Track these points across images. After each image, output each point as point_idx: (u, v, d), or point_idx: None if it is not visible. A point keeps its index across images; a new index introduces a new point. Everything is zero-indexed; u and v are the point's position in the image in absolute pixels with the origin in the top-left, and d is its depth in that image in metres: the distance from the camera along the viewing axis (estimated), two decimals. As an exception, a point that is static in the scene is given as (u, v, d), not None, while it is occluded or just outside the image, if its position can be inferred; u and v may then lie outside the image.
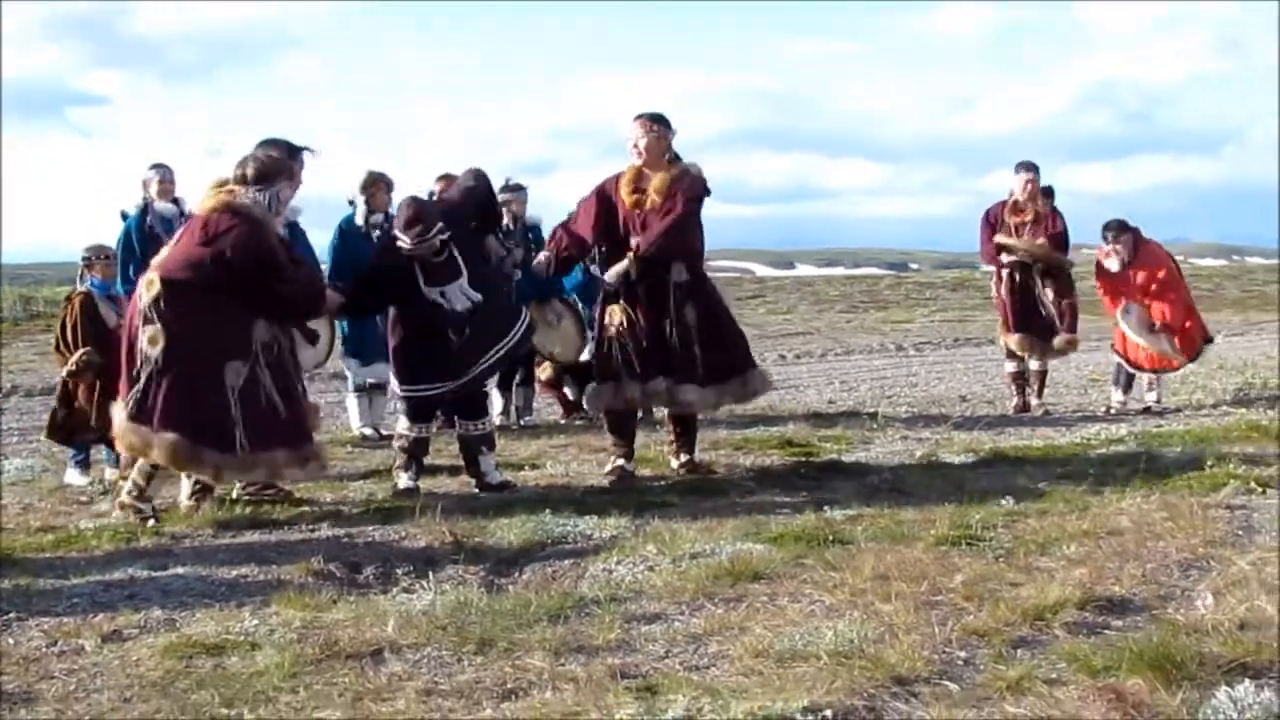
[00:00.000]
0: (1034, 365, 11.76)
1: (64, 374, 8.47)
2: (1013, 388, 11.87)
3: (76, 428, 8.51)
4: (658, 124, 8.07)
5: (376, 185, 10.34)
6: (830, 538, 6.21)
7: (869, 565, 5.55)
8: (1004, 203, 11.59)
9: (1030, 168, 11.57)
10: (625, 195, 8.06)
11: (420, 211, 7.79)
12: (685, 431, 8.47)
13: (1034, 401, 11.65)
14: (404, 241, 7.68)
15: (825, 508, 7.01)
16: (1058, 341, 11.60)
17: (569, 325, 10.78)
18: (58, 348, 8.66)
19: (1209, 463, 7.90)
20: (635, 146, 8.06)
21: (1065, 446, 9.23)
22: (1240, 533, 6.25)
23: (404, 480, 7.96)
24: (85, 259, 8.77)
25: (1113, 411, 11.38)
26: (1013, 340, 11.63)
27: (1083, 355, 17.19)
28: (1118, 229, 11.49)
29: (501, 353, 7.94)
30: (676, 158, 8.15)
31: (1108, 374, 13.39)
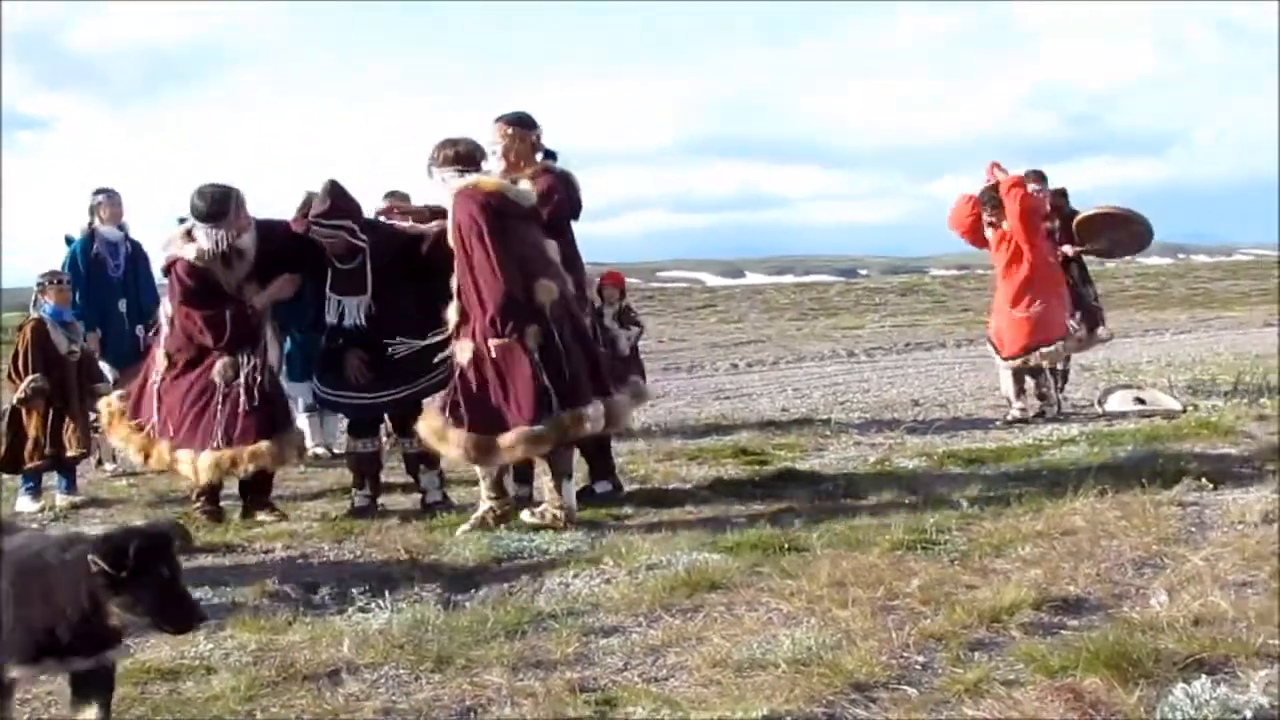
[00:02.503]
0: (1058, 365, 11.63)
1: (15, 401, 8.37)
2: (1050, 383, 11.68)
3: (26, 456, 8.41)
4: (516, 126, 7.66)
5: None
6: (786, 546, 6.21)
7: (825, 572, 5.56)
8: None
9: (1037, 174, 11.56)
10: None
11: (338, 200, 7.74)
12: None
13: (1057, 395, 11.51)
14: (317, 220, 7.69)
15: (780, 516, 7.03)
16: (1102, 331, 11.77)
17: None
18: (9, 376, 8.56)
19: (1160, 461, 7.96)
20: (494, 153, 7.58)
21: (1018, 448, 9.27)
22: (1193, 529, 6.30)
23: (358, 499, 7.92)
24: (40, 284, 8.68)
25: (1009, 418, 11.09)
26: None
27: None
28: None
29: (440, 377, 7.61)
30: (550, 155, 7.77)
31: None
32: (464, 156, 7.27)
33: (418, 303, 7.65)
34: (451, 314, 7.21)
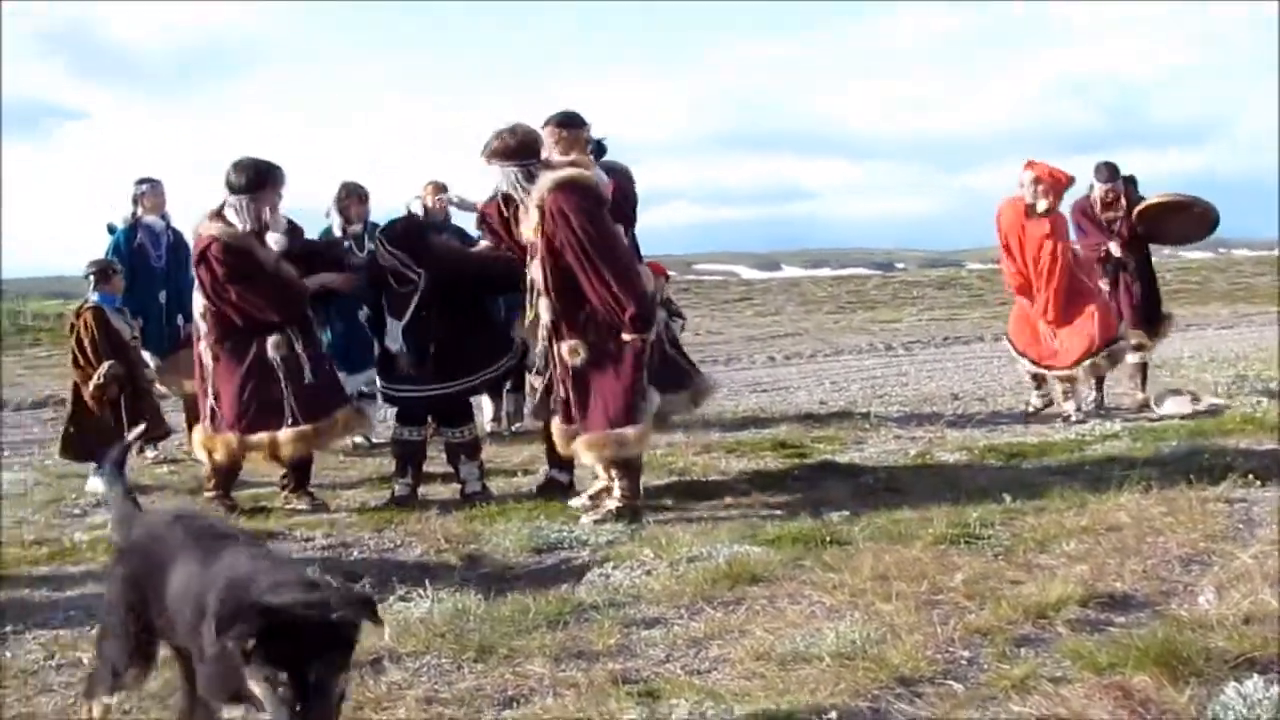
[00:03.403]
0: (1133, 358, 11.40)
1: (91, 388, 8.36)
2: (1135, 381, 11.57)
3: (98, 441, 8.38)
4: (569, 127, 7.56)
5: (351, 197, 10.30)
6: (827, 539, 6.18)
7: (868, 566, 5.53)
8: (1087, 197, 11.33)
9: (1107, 166, 11.31)
10: None
11: (408, 229, 7.98)
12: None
13: (1140, 396, 11.33)
14: (378, 247, 7.86)
15: (821, 509, 6.99)
16: (1164, 328, 11.62)
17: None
18: (76, 363, 8.56)
19: (1205, 456, 7.88)
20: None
21: (1060, 443, 9.19)
22: (1240, 526, 6.23)
23: (398, 487, 7.93)
24: (96, 271, 8.71)
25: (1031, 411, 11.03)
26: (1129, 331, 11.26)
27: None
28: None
29: (485, 377, 8.02)
30: (600, 149, 7.78)
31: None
32: (527, 146, 7.23)
33: (475, 317, 7.92)
34: (544, 313, 7.20)
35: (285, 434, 7.49)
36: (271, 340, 7.56)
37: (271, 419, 7.53)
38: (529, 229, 7.15)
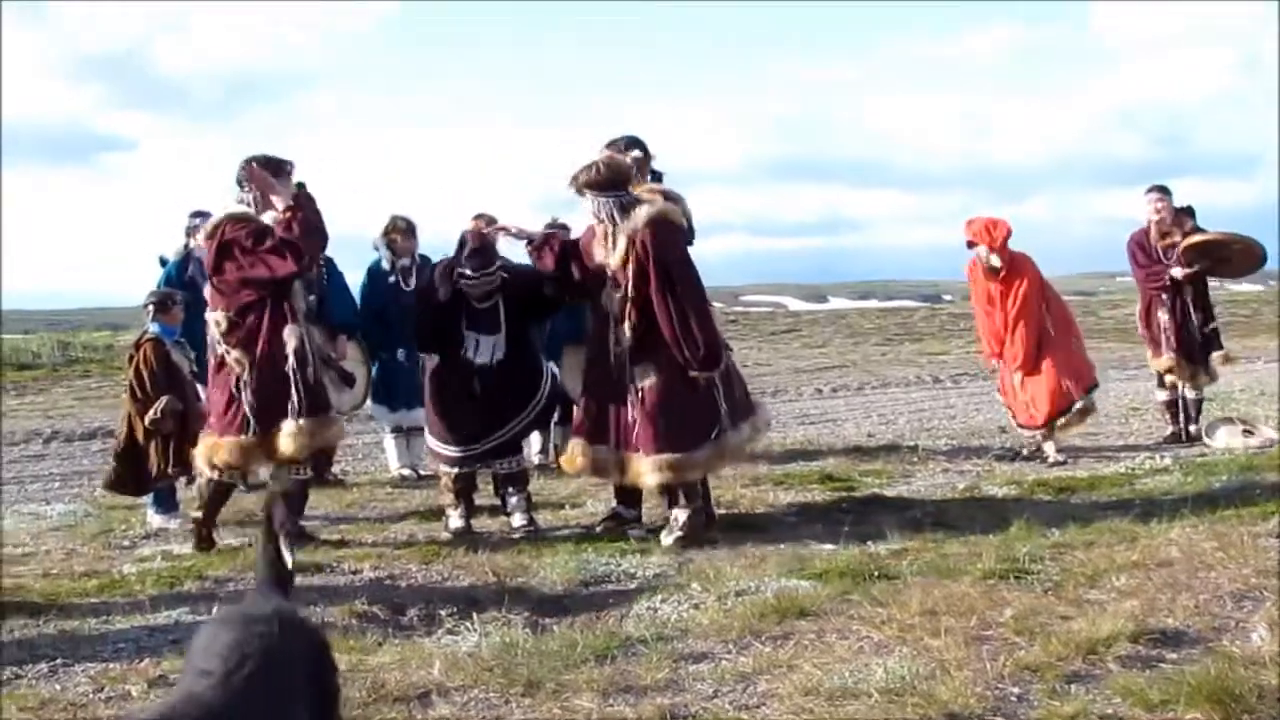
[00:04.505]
0: (1190, 394, 11.37)
1: (147, 421, 8.35)
2: (1166, 416, 11.53)
3: (148, 477, 8.40)
4: (627, 150, 7.81)
5: (397, 230, 10.39)
6: (875, 573, 6.16)
7: (916, 600, 5.51)
8: (1145, 229, 11.29)
9: (1160, 189, 11.27)
10: None
11: (485, 244, 7.93)
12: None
13: (1193, 429, 11.27)
14: (464, 270, 7.81)
15: (869, 542, 6.99)
16: (1216, 357, 11.35)
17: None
18: (134, 395, 8.53)
19: (1257, 491, 7.82)
20: None
21: (1109, 476, 9.15)
22: (1292, 561, 6.17)
23: (455, 520, 7.96)
24: (155, 302, 8.70)
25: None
26: (1164, 363, 11.28)
27: (1122, 384, 17.11)
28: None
29: (536, 412, 8.06)
30: (657, 176, 7.95)
31: (1148, 403, 13.29)
32: (619, 177, 7.43)
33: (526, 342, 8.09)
34: (622, 339, 7.40)
35: (290, 427, 7.38)
36: (288, 329, 7.50)
37: (277, 416, 7.42)
38: (616, 258, 7.34)
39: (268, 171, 7.58)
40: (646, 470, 7.35)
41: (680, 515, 7.44)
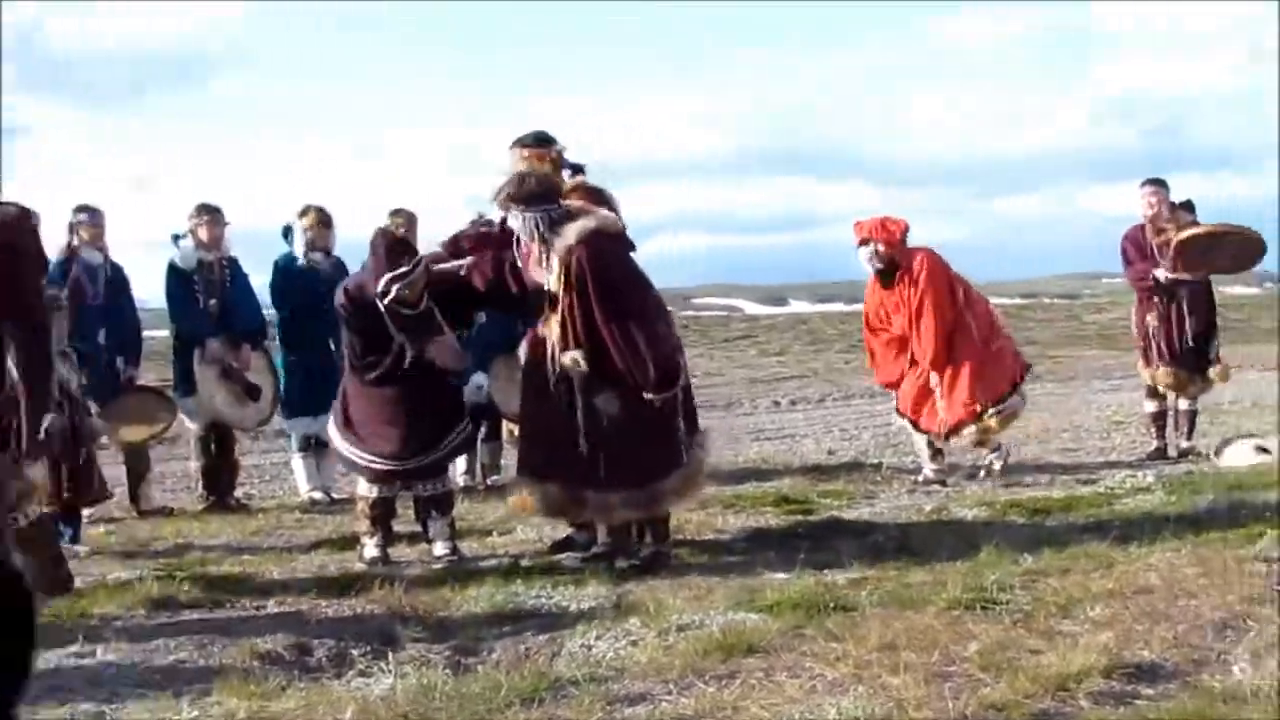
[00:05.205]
0: (1183, 405, 11.56)
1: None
2: (1152, 430, 11.69)
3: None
4: (535, 147, 7.83)
5: (314, 220, 10.40)
6: (831, 604, 6.19)
7: (875, 634, 5.55)
8: (1140, 225, 11.43)
9: (1155, 183, 11.41)
10: None
11: (400, 242, 7.95)
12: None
13: (1184, 444, 11.46)
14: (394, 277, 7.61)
15: (825, 571, 7.04)
16: (1213, 372, 11.43)
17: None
18: None
19: (1243, 512, 7.93)
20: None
21: (1087, 497, 9.25)
22: (1278, 588, 6.26)
23: (370, 549, 7.93)
24: None
25: (920, 480, 10.52)
26: (1158, 374, 11.43)
27: (1105, 395, 17.30)
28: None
29: (466, 432, 8.13)
30: (577, 170, 7.96)
31: (1132, 416, 13.44)
32: (548, 191, 7.44)
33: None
34: (569, 363, 7.36)
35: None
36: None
37: None
38: (552, 280, 7.36)
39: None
40: (610, 507, 7.43)
41: (645, 550, 7.57)
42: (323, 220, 10.47)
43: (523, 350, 8.03)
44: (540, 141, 7.87)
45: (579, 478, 7.42)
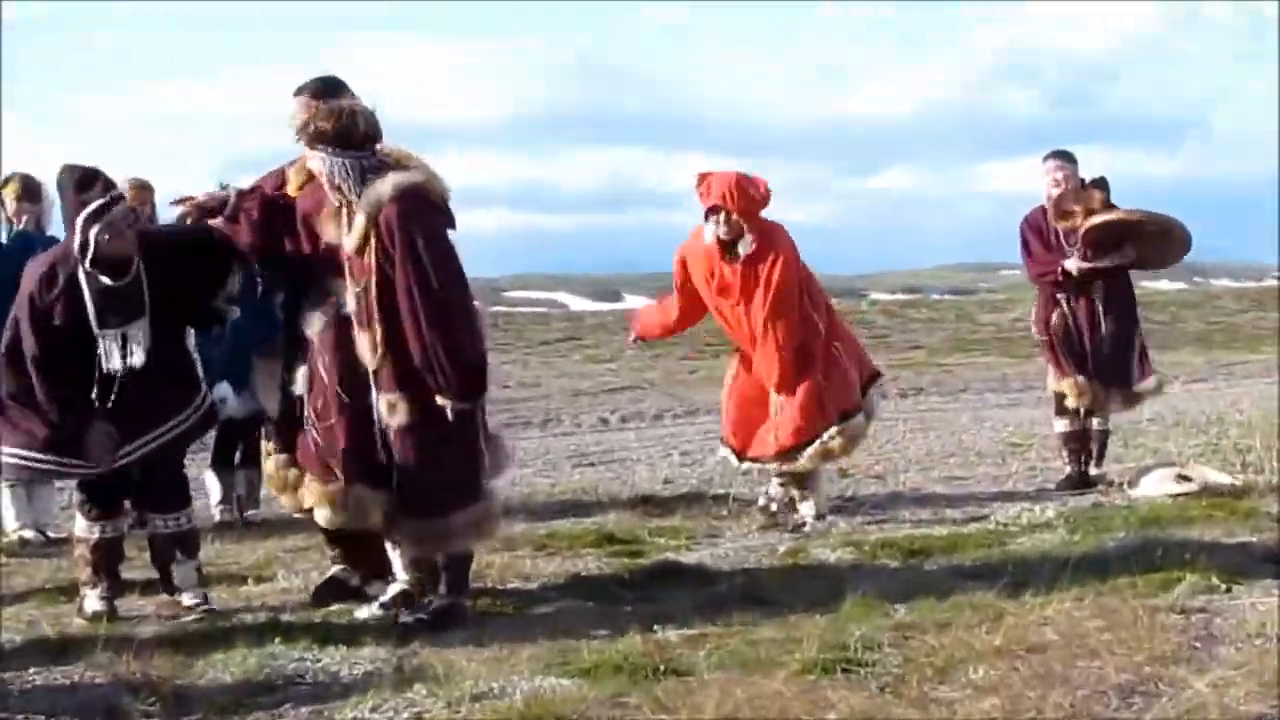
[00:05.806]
0: (1094, 424, 11.70)
1: None
2: (1064, 454, 11.85)
3: None
4: (325, 97, 7.67)
5: (17, 189, 10.24)
6: (662, 667, 6.22)
7: (712, 703, 5.59)
8: (1042, 207, 11.54)
9: (1060, 155, 11.51)
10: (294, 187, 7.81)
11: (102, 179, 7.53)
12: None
13: (1094, 471, 11.65)
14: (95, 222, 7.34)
15: (656, 627, 7.07)
16: (1142, 386, 11.56)
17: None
18: None
19: (1158, 553, 8.10)
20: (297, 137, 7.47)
21: (975, 535, 9.39)
22: (1197, 645, 6.43)
23: (93, 600, 7.78)
24: None
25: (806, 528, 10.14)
26: (1068, 385, 11.50)
27: (1001, 412, 17.60)
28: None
29: (176, 432, 7.76)
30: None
31: (1032, 437, 13.70)
32: (364, 133, 7.22)
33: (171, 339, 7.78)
34: (362, 352, 7.26)
35: None
36: None
37: None
38: (352, 241, 7.18)
39: None
40: (406, 535, 7.39)
41: (436, 602, 7.47)
42: (28, 188, 10.29)
43: (314, 331, 7.65)
44: (330, 89, 7.76)
45: (382, 482, 7.35)
